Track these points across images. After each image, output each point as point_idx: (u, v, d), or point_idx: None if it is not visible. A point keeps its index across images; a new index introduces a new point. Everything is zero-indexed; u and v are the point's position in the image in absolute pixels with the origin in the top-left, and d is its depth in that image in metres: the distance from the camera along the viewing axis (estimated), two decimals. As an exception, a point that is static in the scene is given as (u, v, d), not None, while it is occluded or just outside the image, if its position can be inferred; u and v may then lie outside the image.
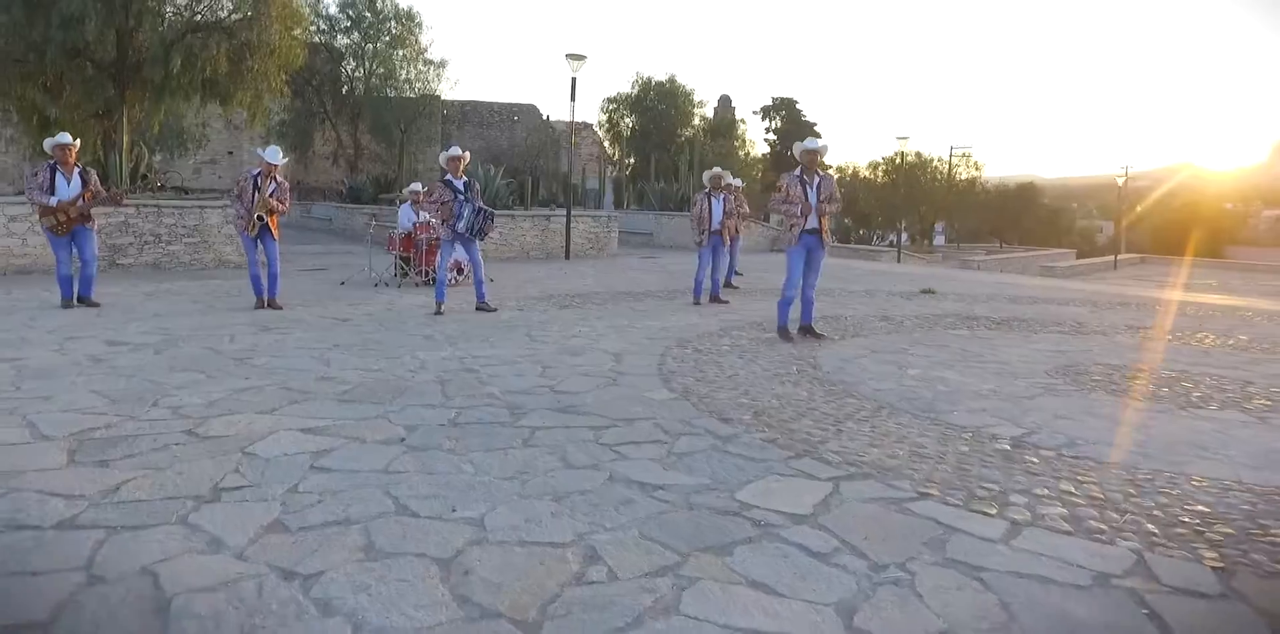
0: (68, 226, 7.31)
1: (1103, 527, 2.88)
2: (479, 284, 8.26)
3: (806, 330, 7.13)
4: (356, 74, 26.23)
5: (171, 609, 2.12)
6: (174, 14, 11.93)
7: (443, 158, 8.14)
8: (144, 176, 15.00)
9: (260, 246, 7.78)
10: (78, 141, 7.58)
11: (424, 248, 10.56)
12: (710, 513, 2.90)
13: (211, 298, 8.61)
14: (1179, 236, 48.35)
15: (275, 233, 7.79)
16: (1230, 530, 2.91)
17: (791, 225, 6.93)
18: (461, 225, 7.78)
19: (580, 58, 16.43)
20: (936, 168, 57.27)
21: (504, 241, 16.31)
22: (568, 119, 53.43)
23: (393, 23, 27.38)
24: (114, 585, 2.24)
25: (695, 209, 10.06)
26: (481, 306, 8.14)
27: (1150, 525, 2.92)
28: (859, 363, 5.92)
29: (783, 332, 6.98)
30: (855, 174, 58.58)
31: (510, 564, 2.43)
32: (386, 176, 25.02)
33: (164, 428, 3.74)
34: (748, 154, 47.79)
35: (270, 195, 7.63)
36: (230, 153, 40.21)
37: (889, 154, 57.18)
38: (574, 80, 16.54)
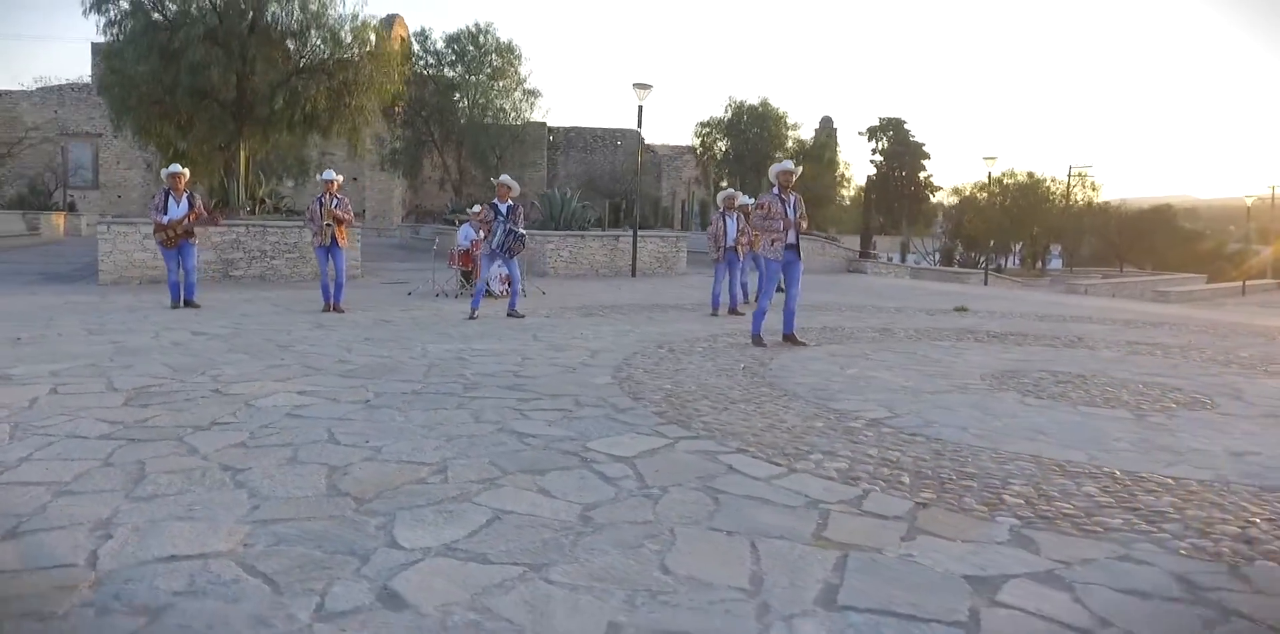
0: (175, 241, 8.95)
1: (861, 476, 3.59)
2: (514, 294, 9.40)
3: (788, 339, 7.83)
4: (461, 104, 28.36)
5: (145, 476, 3.22)
6: (282, 59, 13.87)
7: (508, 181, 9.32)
8: (262, 201, 17.15)
9: (330, 259, 9.20)
10: (186, 171, 9.28)
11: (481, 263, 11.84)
12: (555, 452, 3.80)
13: (292, 303, 10.11)
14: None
15: (343, 242, 9.20)
16: (974, 484, 3.56)
17: (774, 240, 7.68)
18: (494, 242, 8.94)
19: (647, 87, 17.60)
20: (1049, 189, 55.26)
21: (573, 259, 17.55)
22: (669, 144, 54.17)
23: (494, 56, 29.48)
24: (116, 468, 3.36)
25: (711, 228, 10.87)
26: (511, 313, 9.25)
27: (906, 479, 3.60)
28: (808, 364, 6.62)
29: (756, 339, 7.68)
30: (971, 197, 57.21)
31: (379, 471, 3.42)
32: (485, 199, 26.94)
33: (198, 388, 4.97)
34: (842, 175, 47.82)
35: (334, 207, 9.05)
36: (354, 179, 43.74)
37: (996, 174, 55.69)
38: (640, 108, 17.73)
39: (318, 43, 14.24)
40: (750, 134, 38.38)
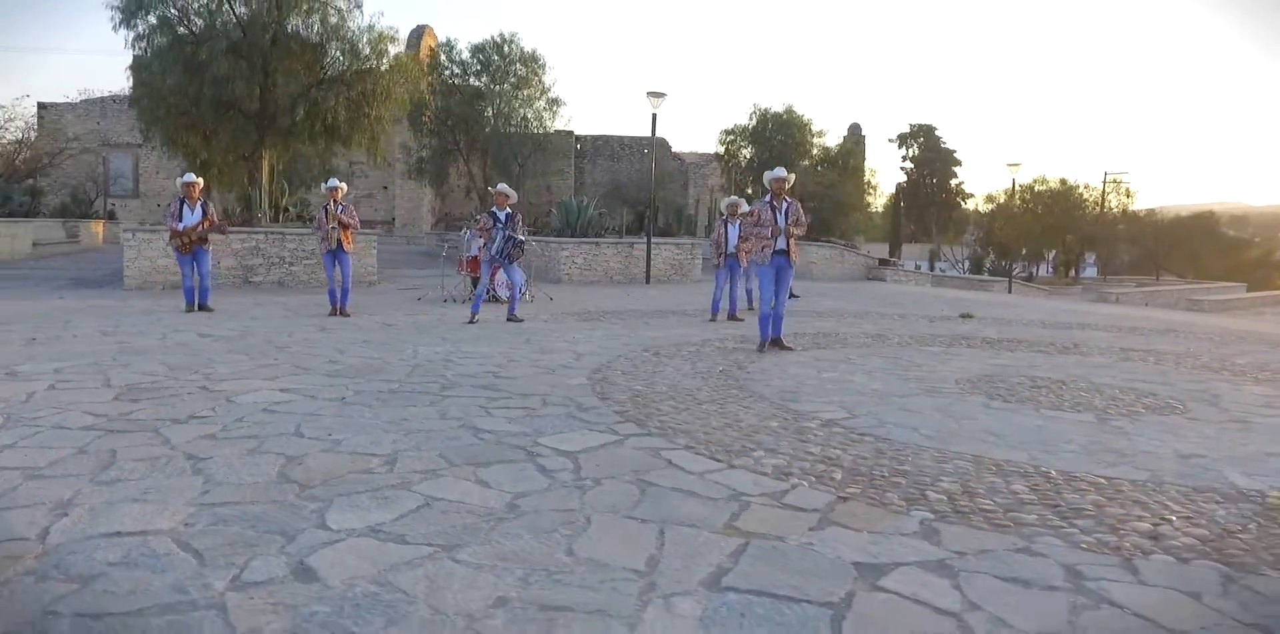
0: (189, 247, 9.33)
1: (794, 472, 3.72)
2: (513, 299, 9.63)
3: (776, 343, 7.95)
4: (485, 113, 28.80)
5: (114, 463, 3.45)
6: (303, 71, 14.33)
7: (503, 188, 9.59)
8: (285, 209, 17.63)
9: (337, 264, 9.51)
10: (200, 180, 9.66)
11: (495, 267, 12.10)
12: (504, 447, 3.98)
13: (303, 307, 10.43)
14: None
15: (348, 247, 9.51)
16: (904, 481, 3.66)
17: (763, 247, 7.80)
18: (493, 249, 9.18)
19: (660, 95, 17.81)
20: (1081, 195, 54.44)
21: (587, 266, 17.78)
22: (696, 151, 54.10)
23: (518, 65, 29.92)
24: (89, 456, 3.60)
25: (714, 234, 11.00)
26: (511, 318, 9.47)
27: (839, 475, 3.71)
28: (787, 368, 6.73)
29: (762, 345, 7.77)
30: (1004, 204, 56.53)
31: (331, 462, 3.62)
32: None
33: (188, 385, 5.23)
34: (868, 182, 47.51)
35: (340, 214, 9.36)
36: (385, 187, 44.56)
37: (1026, 181, 54.96)
38: (654, 116, 17.95)
39: (337, 54, 14.69)
40: (775, 141, 38.38)
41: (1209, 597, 2.55)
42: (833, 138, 44.38)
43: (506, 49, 30.31)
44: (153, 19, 13.92)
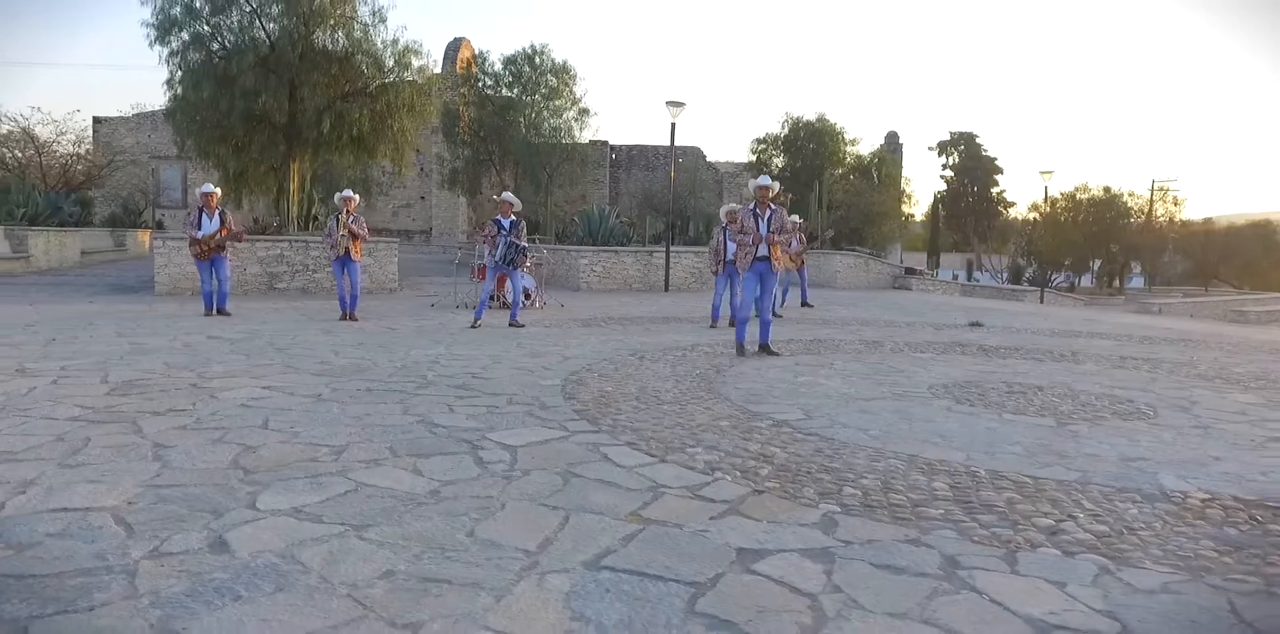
0: (207, 254, 9.77)
1: (723, 467, 3.86)
2: (514, 305, 9.89)
3: (763, 348, 8.06)
4: (516, 124, 29.31)
5: (84, 449, 3.74)
6: (328, 83, 14.86)
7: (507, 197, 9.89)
8: (314, 217, 18.20)
9: (345, 272, 9.87)
10: (218, 190, 10.12)
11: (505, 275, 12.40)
12: (452, 440, 4.19)
13: (317, 312, 10.81)
14: None
15: (357, 256, 9.86)
16: (827, 477, 3.78)
17: (745, 253, 7.93)
18: (497, 254, 9.46)
19: (679, 105, 18.03)
20: (1125, 204, 53.26)
21: (606, 274, 18.02)
22: (732, 161, 54.01)
23: (549, 76, 30.43)
24: (64, 443, 3.90)
25: (713, 242, 11.14)
26: (513, 324, 9.72)
27: (766, 471, 3.85)
28: (765, 372, 6.85)
29: (740, 348, 7.92)
30: (1048, 212, 55.54)
31: (283, 451, 3.86)
32: (535, 217, 27.75)
33: (180, 382, 5.55)
34: (903, 191, 47.04)
35: (350, 223, 9.73)
36: (423, 198, 45.46)
37: (1068, 189, 53.96)
38: (673, 125, 18.17)
39: (362, 68, 15.18)
40: (806, 150, 38.33)
41: (1073, 586, 2.63)
42: (868, 146, 44.14)
43: (538, 60, 30.87)
44: (185, 35, 14.58)
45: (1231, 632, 2.36)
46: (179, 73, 14.63)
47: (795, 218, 14.98)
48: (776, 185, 8.04)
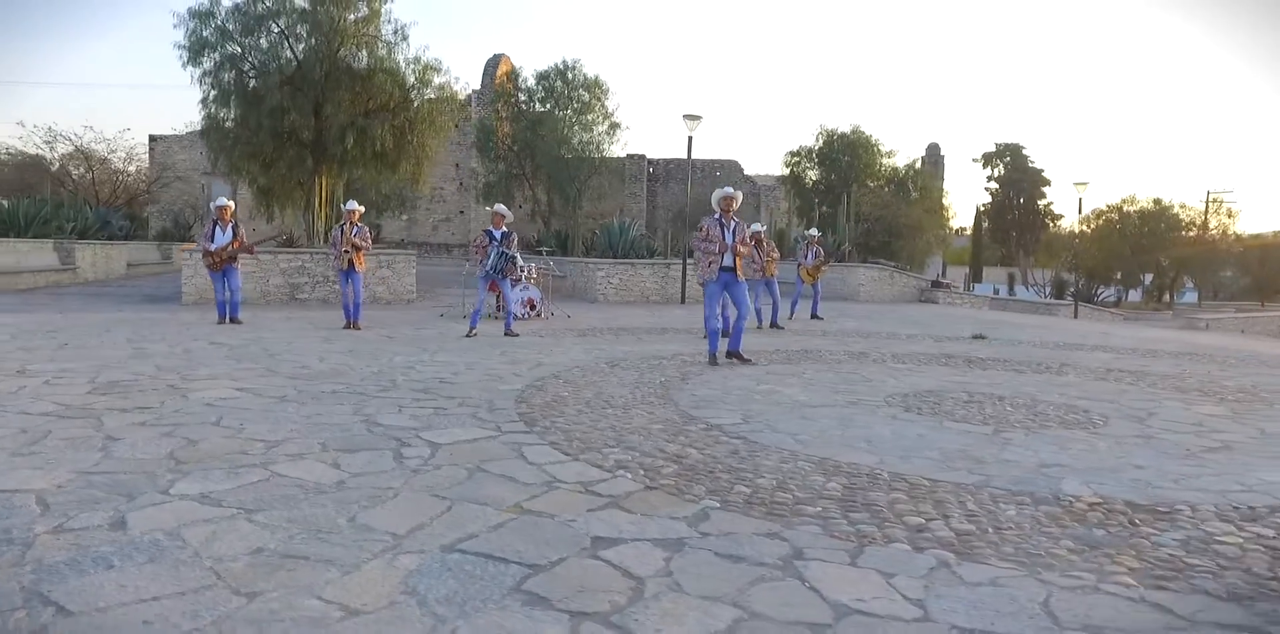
0: (220, 265, 10.27)
1: (629, 466, 4.03)
2: (509, 314, 10.19)
3: (735, 356, 8.19)
4: (547, 138, 29.85)
5: (42, 440, 4.08)
6: (352, 101, 15.47)
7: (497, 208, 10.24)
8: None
9: (349, 282, 10.29)
10: (232, 204, 10.65)
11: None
12: (384, 437, 4.44)
13: (325, 321, 11.24)
14: None
15: (360, 267, 10.27)
16: (726, 476, 3.94)
17: (710, 263, 8.07)
18: (489, 264, 9.78)
19: (696, 118, 18.28)
20: (1176, 216, 51.85)
21: (623, 287, 18.27)
22: (770, 174, 53.78)
23: (581, 91, 30.99)
24: (27, 434, 4.25)
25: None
26: (508, 333, 10.01)
27: (670, 470, 4.01)
28: (730, 380, 6.99)
29: (711, 358, 8.07)
30: (1098, 224, 54.35)
31: (223, 444, 4.16)
32: (565, 231, 28.16)
33: (159, 383, 5.93)
34: (940, 203, 46.43)
35: (354, 236, 10.15)
36: (461, 212, 46.39)
37: (1115, 201, 52.79)
38: (690, 139, 18.41)
39: (384, 85, 15.75)
40: (840, 162, 38.19)
41: (901, 577, 2.76)
42: (906, 157, 43.71)
43: (570, 75, 31.45)
44: (217, 57, 15.34)
45: (1031, 620, 2.47)
46: (212, 92, 15.40)
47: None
48: (739, 196, 8.22)
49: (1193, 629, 2.44)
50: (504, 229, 9.93)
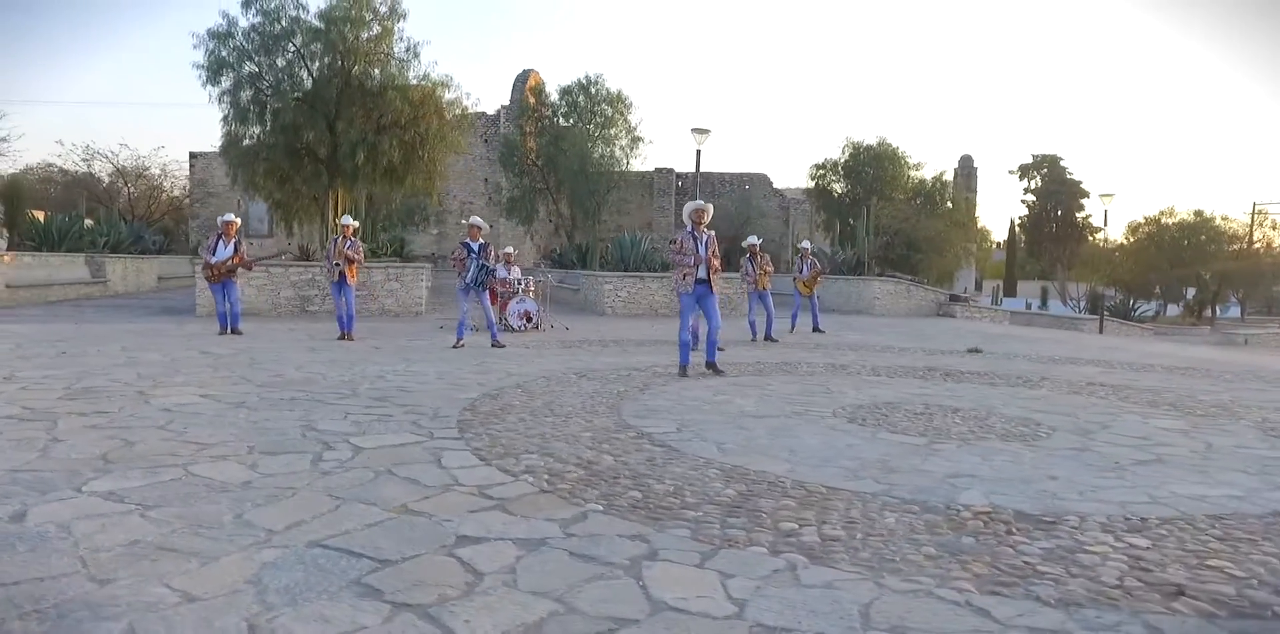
0: (219, 278, 10.67)
1: (535, 472, 4.16)
2: (491, 325, 10.43)
3: (709, 367, 8.28)
4: (570, 153, 30.24)
5: (4, 436, 4.36)
6: (362, 118, 15.96)
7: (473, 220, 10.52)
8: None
9: (341, 294, 10.61)
10: (238, 220, 11.06)
11: (505, 299, 12.98)
12: (313, 441, 4.63)
13: (321, 333, 11.56)
14: None
15: (351, 280, 10.59)
16: (627, 482, 4.05)
17: (685, 275, 8.19)
18: (468, 277, 10.03)
19: (705, 131, 18.47)
20: (1218, 228, 50.57)
21: (631, 300, 18.43)
22: (801, 188, 53.65)
23: (604, 105, 31.37)
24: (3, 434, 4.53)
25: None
26: (495, 344, 10.22)
27: (575, 474, 4.13)
28: (688, 391, 7.09)
29: (682, 370, 8.16)
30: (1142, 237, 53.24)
31: (157, 446, 4.38)
32: (586, 244, 28.46)
33: (129, 390, 6.21)
34: (975, 220, 45.94)
35: (347, 248, 10.48)
36: (492, 226, 47.02)
37: (1153, 213, 51.72)
38: (698, 152, 18.62)
39: (394, 102, 16.21)
40: (866, 175, 38.06)
41: (739, 578, 2.84)
42: (932, 170, 43.35)
43: (593, 90, 31.89)
44: (234, 76, 15.95)
45: (841, 620, 2.54)
46: (230, 111, 16.01)
47: (806, 243, 15.19)
48: (710, 208, 8.34)
49: (1002, 632, 2.50)
50: (481, 241, 10.18)
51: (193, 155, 41.03)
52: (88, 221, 22.48)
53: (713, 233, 8.23)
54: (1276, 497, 4.19)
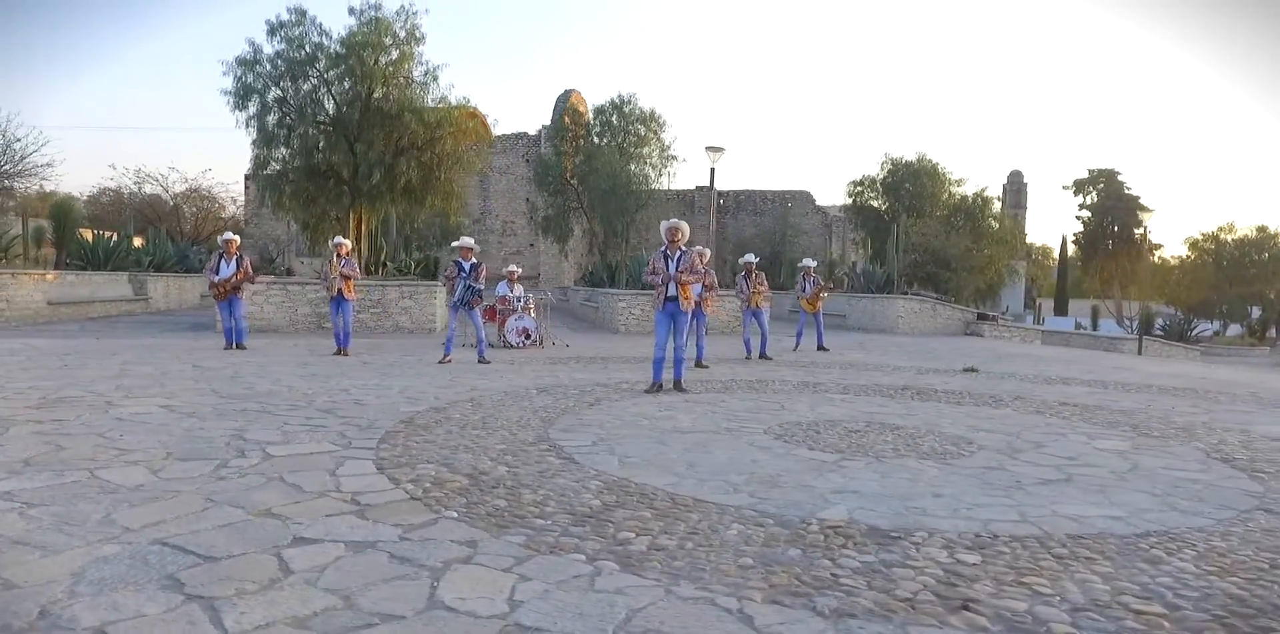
0: (225, 295, 11.20)
1: (420, 481, 4.36)
2: (480, 342, 10.71)
3: (676, 385, 8.40)
4: (601, 172, 30.71)
5: (-69, 448, 4.74)
6: (381, 140, 16.59)
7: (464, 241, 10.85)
8: (384, 264, 19.91)
9: (339, 310, 11.03)
10: (237, 238, 11.62)
11: (504, 316, 13.29)
12: (229, 448, 4.91)
13: (319, 348, 11.99)
14: None
15: (349, 296, 11.00)
16: (502, 491, 4.21)
17: (658, 294, 8.36)
18: (456, 295, 10.35)
19: (719, 149, 18.66)
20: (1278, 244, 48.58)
21: (645, 317, 18.55)
22: (839, 203, 53.07)
23: (637, 124, 31.81)
24: (-67, 441, 4.93)
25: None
26: (481, 360, 10.50)
27: (462, 484, 4.31)
28: (634, 407, 7.22)
29: (654, 387, 8.29)
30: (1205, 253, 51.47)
31: (84, 452, 4.71)
32: (616, 262, 28.79)
33: (99, 400, 6.62)
34: (1021, 237, 44.97)
35: (342, 266, 10.91)
36: (531, 245, 47.76)
37: (1211, 229, 49.91)
38: (712, 171, 18.80)
39: (412, 124, 16.80)
40: (904, 191, 37.63)
41: (536, 581, 2.98)
42: (974, 185, 42.63)
43: (626, 109, 32.40)
44: (259, 101, 16.76)
45: (597, 621, 2.66)
46: (258, 135, 16.83)
47: (809, 261, 15.17)
48: (685, 227, 8.48)
49: (753, 638, 2.59)
50: (473, 261, 10.50)
51: (247, 177, 42.80)
52: (137, 241, 23.63)
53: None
54: (1161, 517, 4.15)
